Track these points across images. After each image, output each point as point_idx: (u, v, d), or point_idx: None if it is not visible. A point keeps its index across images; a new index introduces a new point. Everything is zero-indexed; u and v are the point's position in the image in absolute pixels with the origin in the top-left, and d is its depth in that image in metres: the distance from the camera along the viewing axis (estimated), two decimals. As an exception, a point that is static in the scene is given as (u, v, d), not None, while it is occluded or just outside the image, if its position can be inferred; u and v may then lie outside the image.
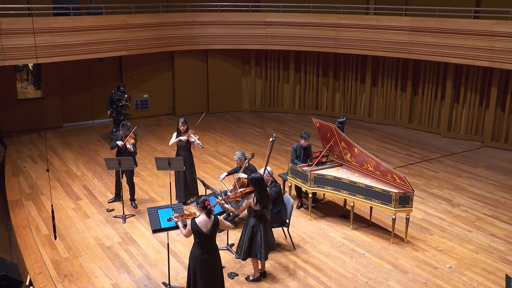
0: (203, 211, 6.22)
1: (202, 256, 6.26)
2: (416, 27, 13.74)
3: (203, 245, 6.26)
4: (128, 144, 9.42)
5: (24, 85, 16.38)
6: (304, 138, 9.60)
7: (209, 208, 6.21)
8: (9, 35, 12.17)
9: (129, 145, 9.41)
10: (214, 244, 6.39)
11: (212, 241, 6.33)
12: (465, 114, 14.33)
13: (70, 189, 10.70)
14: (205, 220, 6.21)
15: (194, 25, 15.56)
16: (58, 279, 7.44)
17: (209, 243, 6.30)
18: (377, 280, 7.54)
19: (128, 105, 13.32)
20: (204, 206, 6.20)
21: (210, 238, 6.26)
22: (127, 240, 8.61)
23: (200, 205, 6.23)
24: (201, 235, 6.20)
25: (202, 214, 6.23)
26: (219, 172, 11.61)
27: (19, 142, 13.72)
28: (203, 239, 6.23)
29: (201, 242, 6.25)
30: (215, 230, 6.31)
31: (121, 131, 9.61)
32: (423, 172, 11.87)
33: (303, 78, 16.79)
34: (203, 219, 6.21)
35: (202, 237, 6.21)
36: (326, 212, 9.79)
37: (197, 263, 6.28)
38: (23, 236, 8.61)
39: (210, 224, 6.21)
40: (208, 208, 6.20)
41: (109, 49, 14.11)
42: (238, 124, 15.81)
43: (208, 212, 6.22)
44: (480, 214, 9.77)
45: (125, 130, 9.55)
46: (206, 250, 6.28)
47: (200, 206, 6.23)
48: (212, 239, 6.33)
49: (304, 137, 9.60)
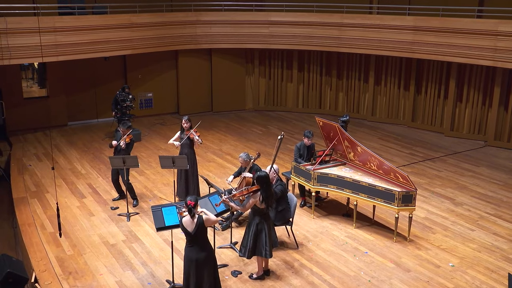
0: (186, 208, 6.33)
1: (192, 255, 6.37)
2: (419, 27, 13.76)
3: (193, 244, 6.38)
4: (122, 141, 9.49)
5: (30, 84, 16.51)
6: (307, 137, 9.65)
7: (190, 207, 6.27)
8: (14, 34, 12.24)
9: (122, 142, 9.49)
10: (204, 243, 6.43)
11: (202, 239, 6.39)
12: (468, 113, 14.35)
13: (75, 187, 10.78)
14: (189, 220, 6.30)
15: (198, 24, 15.61)
16: (63, 277, 7.51)
17: (199, 241, 6.37)
18: (380, 279, 7.58)
19: (132, 105, 13.38)
20: (186, 205, 6.30)
21: (196, 237, 6.33)
22: (131, 238, 8.68)
23: (184, 203, 6.35)
24: (187, 234, 6.33)
25: (187, 214, 6.32)
26: (223, 170, 11.68)
27: (24, 141, 13.81)
28: (189, 238, 6.36)
29: (190, 240, 6.38)
30: (201, 230, 6.34)
31: (121, 129, 9.68)
32: (426, 171, 11.90)
33: (306, 77, 16.83)
34: (188, 219, 6.30)
35: (189, 236, 6.34)
36: (329, 210, 9.83)
37: (188, 262, 6.40)
38: (28, 233, 8.69)
39: (194, 224, 6.28)
40: (189, 207, 6.27)
41: (113, 48, 14.17)
42: (241, 123, 15.86)
43: (189, 211, 6.29)
44: (482, 213, 9.79)
45: (124, 128, 9.61)
46: (198, 248, 6.37)
47: (184, 205, 6.35)
48: (202, 237, 6.39)
49: (307, 136, 9.64)
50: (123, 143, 9.46)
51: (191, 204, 6.27)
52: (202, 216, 6.36)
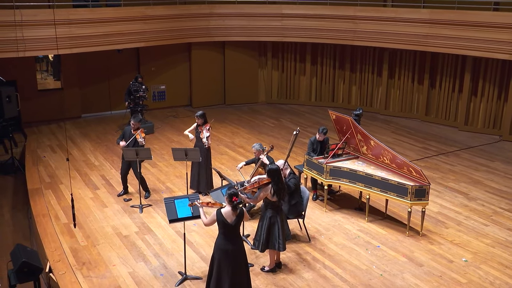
0: (229, 204, 6.29)
1: (226, 247, 6.32)
2: (434, 20, 13.60)
3: (227, 236, 6.34)
4: (139, 137, 9.48)
5: (44, 76, 16.62)
6: (318, 133, 9.62)
7: (235, 203, 6.26)
8: (29, 26, 12.33)
9: (140, 138, 9.47)
10: (238, 235, 6.46)
11: (236, 232, 6.40)
12: (483, 108, 14.19)
13: (88, 179, 10.87)
14: (230, 211, 6.28)
15: (211, 17, 15.59)
16: (76, 267, 7.58)
17: (234, 234, 6.37)
18: (392, 273, 7.56)
19: (145, 96, 13.43)
20: (230, 200, 6.26)
21: (234, 229, 6.33)
22: (144, 230, 8.74)
23: (228, 198, 6.29)
24: (226, 225, 6.27)
25: (228, 206, 6.30)
26: (235, 163, 11.68)
27: (38, 132, 13.94)
28: (227, 230, 6.30)
29: (225, 232, 6.32)
30: (240, 222, 6.38)
31: (132, 122, 9.60)
32: (440, 166, 11.81)
33: (319, 70, 16.75)
34: (228, 210, 6.28)
35: (227, 228, 6.29)
36: (341, 204, 9.81)
37: (222, 254, 6.33)
38: (43, 224, 8.78)
39: (235, 215, 6.28)
40: (234, 204, 6.26)
41: (127, 40, 14.22)
42: (254, 116, 15.85)
43: (234, 207, 6.28)
44: (497, 208, 9.70)
45: (136, 122, 9.57)
46: (231, 240, 6.34)
47: (228, 199, 6.29)
48: (237, 230, 6.40)
49: (320, 131, 9.61)
50: (142, 140, 9.45)
51: (236, 201, 6.26)
52: (243, 208, 6.39)
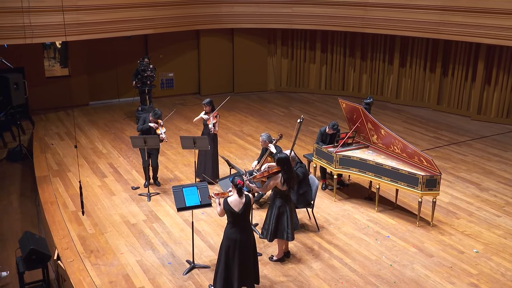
0: (234, 189, 6.23)
1: (235, 236, 6.27)
2: (447, 6, 13.34)
3: (236, 224, 6.28)
4: (158, 131, 9.39)
5: (52, 63, 16.56)
6: (329, 127, 9.47)
7: (239, 186, 6.20)
8: (37, 13, 12.24)
9: (160, 131, 9.38)
10: (247, 223, 6.40)
11: (245, 220, 6.33)
12: (497, 97, 13.96)
13: (96, 167, 10.83)
14: (236, 200, 6.22)
15: (220, 4, 15.42)
16: (84, 255, 7.56)
17: (242, 222, 6.30)
18: (402, 263, 7.46)
19: (153, 75, 13.27)
20: (235, 185, 6.21)
21: (242, 217, 6.27)
22: (151, 218, 8.69)
23: (232, 183, 6.25)
24: (233, 214, 6.22)
25: (234, 193, 6.24)
26: (244, 152, 11.62)
27: (46, 120, 13.91)
28: (235, 218, 6.24)
29: (233, 221, 6.27)
30: (248, 209, 6.31)
31: (151, 117, 9.50)
32: (451, 155, 11.64)
33: (329, 58, 16.56)
34: (235, 199, 6.22)
35: (235, 216, 6.23)
36: (351, 194, 9.70)
37: (231, 243, 6.28)
38: (51, 212, 8.77)
39: (242, 203, 6.21)
40: (239, 187, 6.20)
41: (135, 27, 14.10)
42: (263, 104, 15.72)
43: (239, 191, 6.21)
44: (509, 199, 9.55)
45: (155, 118, 9.47)
46: (240, 229, 6.29)
47: (233, 184, 6.25)
48: (245, 218, 6.33)
49: (330, 126, 9.46)
50: (162, 133, 9.34)
51: (241, 184, 6.21)
52: (249, 195, 6.32)
